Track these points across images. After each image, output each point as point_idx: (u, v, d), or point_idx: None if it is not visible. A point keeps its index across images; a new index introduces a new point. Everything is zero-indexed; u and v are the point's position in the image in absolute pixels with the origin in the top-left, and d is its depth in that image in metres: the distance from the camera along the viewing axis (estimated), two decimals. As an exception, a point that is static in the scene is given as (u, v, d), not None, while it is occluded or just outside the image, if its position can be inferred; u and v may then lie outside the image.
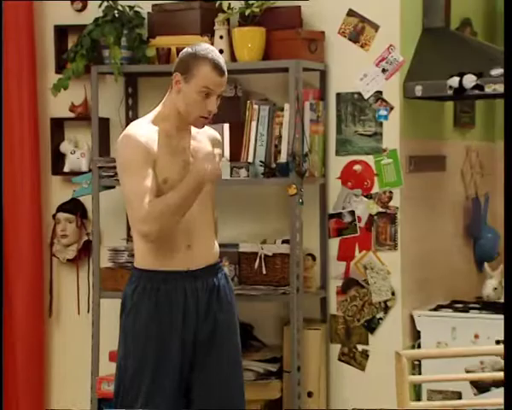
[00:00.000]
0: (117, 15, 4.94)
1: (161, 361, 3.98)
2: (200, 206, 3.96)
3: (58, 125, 5.32)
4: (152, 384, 3.98)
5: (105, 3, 4.96)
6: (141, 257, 3.99)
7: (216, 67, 3.85)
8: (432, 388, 4.72)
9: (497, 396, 3.80)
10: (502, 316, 4.76)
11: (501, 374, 3.58)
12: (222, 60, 3.96)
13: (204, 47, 3.96)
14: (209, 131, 4.14)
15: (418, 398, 4.75)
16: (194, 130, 4.03)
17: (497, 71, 4.67)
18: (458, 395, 4.53)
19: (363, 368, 4.85)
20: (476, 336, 4.75)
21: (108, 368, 4.72)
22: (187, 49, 3.97)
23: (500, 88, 4.68)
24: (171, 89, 3.96)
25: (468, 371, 4.29)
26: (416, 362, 4.76)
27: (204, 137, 4.07)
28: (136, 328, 3.98)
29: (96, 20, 4.93)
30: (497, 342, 4.54)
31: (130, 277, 4.05)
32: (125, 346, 4.03)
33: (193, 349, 4.01)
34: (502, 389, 3.68)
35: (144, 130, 3.93)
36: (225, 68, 3.93)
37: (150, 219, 3.80)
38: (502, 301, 5.01)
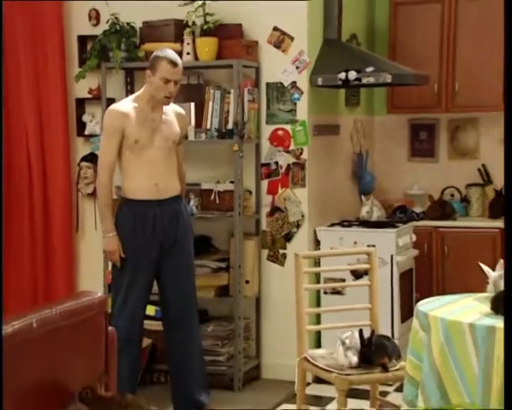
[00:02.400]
0: (118, 28, 4.92)
1: (138, 259, 4.05)
2: (164, 157, 4.06)
3: (80, 103, 5.30)
4: (133, 275, 4.09)
5: (110, 21, 4.94)
6: (126, 191, 4.10)
7: (170, 61, 3.94)
8: (326, 276, 4.71)
9: (365, 280, 4.00)
10: (372, 229, 5.02)
11: (368, 266, 3.84)
12: (174, 56, 3.99)
13: (162, 50, 4.04)
14: (175, 108, 4.20)
15: (318, 283, 4.76)
16: (165, 107, 4.08)
17: (370, 69, 4.74)
18: (343, 281, 4.55)
19: (282, 264, 4.88)
20: (355, 243, 4.82)
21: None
22: (154, 54, 4.05)
23: (372, 80, 4.74)
24: (146, 81, 4.04)
25: (348, 264, 4.29)
26: (317, 260, 4.79)
27: (171, 112, 4.14)
28: (121, 237, 4.06)
29: (105, 32, 4.95)
30: (368, 246, 4.57)
31: (119, 203, 4.14)
32: None
33: (160, 251, 4.08)
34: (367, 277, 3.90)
35: (122, 106, 4.06)
36: (178, 61, 3.99)
37: (97, 186, 4.12)
38: (372, 220, 5.12)
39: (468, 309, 3.05)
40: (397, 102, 5.63)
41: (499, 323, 2.83)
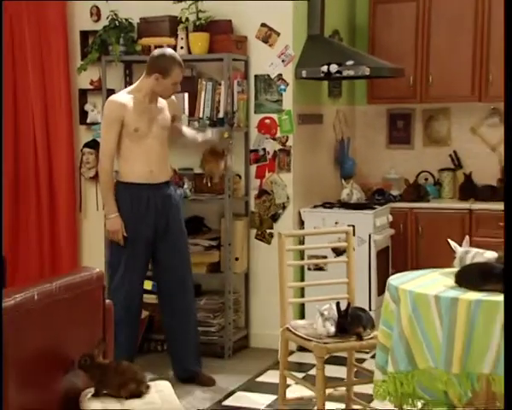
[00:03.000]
0: (117, 24, 4.89)
1: (136, 237, 4.06)
2: (159, 146, 4.06)
3: (83, 93, 5.27)
4: (131, 251, 4.09)
5: (110, 17, 4.90)
6: (123, 175, 4.10)
7: (180, 66, 3.95)
8: (310, 254, 4.74)
9: (345, 258, 3.92)
10: (352, 210, 5.02)
11: (346, 244, 3.84)
12: (181, 59, 4.00)
13: (170, 52, 3.99)
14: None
15: (302, 259, 4.77)
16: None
17: (350, 62, 4.72)
18: (324, 257, 4.59)
19: (269, 243, 4.88)
20: (336, 223, 4.83)
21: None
22: (163, 55, 3.96)
23: (351, 72, 4.73)
24: (147, 76, 3.97)
25: (330, 243, 4.18)
26: (301, 239, 4.77)
27: (164, 102, 4.12)
28: (120, 217, 4.06)
29: (105, 27, 4.91)
30: (348, 226, 4.45)
31: (116, 187, 4.09)
32: None
33: (155, 231, 4.09)
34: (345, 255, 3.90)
35: (121, 97, 4.03)
36: (183, 64, 4.00)
37: (100, 171, 4.09)
38: (352, 202, 5.07)
39: (435, 283, 3.06)
40: (376, 93, 5.63)
41: (462, 295, 2.85)
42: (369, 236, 4.88)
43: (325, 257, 4.60)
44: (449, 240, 3.28)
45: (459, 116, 5.64)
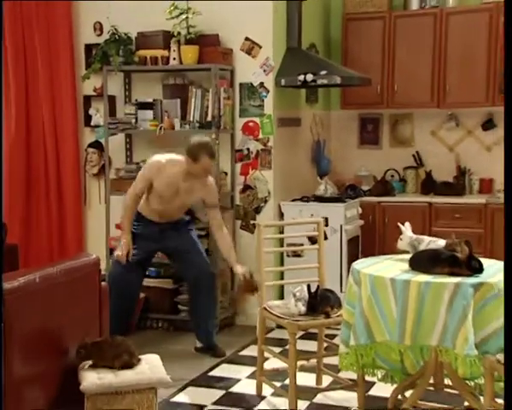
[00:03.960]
0: (117, 38, 4.89)
1: (145, 259, 4.14)
2: (176, 210, 4.11)
3: (87, 99, 5.26)
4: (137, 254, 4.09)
5: (111, 31, 4.90)
6: (142, 210, 4.12)
7: (211, 156, 3.87)
8: (288, 242, 4.66)
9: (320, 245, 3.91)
10: (326, 203, 5.01)
11: (317, 233, 3.81)
12: (213, 150, 3.89)
13: (204, 143, 3.88)
14: (205, 179, 4.02)
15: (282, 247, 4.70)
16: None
17: (324, 72, 4.72)
18: (302, 245, 4.50)
19: (252, 232, 4.84)
20: (312, 215, 4.78)
21: (115, 232, 4.77)
22: (195, 144, 3.86)
23: (325, 81, 4.73)
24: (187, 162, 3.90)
25: (307, 231, 4.17)
26: (281, 229, 4.67)
27: (199, 183, 4.00)
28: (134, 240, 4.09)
29: (106, 40, 4.91)
30: (322, 217, 4.43)
31: (136, 215, 4.12)
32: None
33: (160, 240, 4.13)
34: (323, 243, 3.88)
35: (161, 163, 3.96)
36: (215, 154, 3.98)
37: (124, 205, 4.05)
38: (326, 196, 5.03)
39: (391, 267, 3.09)
40: (348, 99, 5.63)
41: (413, 277, 2.88)
42: (341, 226, 4.89)
43: (302, 245, 4.57)
44: (399, 224, 3.29)
45: (421, 120, 5.65)
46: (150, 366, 3.02)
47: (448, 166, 5.54)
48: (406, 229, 3.24)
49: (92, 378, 2.88)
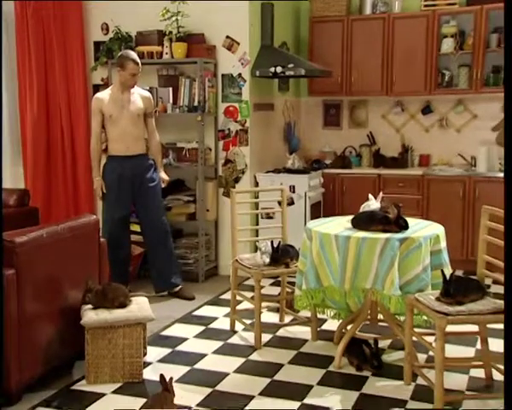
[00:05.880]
0: (120, 36, 4.85)
1: (118, 194, 4.04)
2: (132, 127, 3.98)
3: (96, 87, 5.08)
4: (116, 205, 4.07)
5: (114, 31, 4.86)
6: (109, 151, 4.07)
7: (134, 62, 3.84)
8: (262, 206, 4.53)
9: (283, 209, 3.88)
10: (293, 174, 4.88)
11: (281, 198, 3.86)
12: (136, 57, 3.90)
13: (128, 52, 3.89)
14: (141, 91, 4.06)
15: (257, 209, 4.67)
16: (132, 90, 3.99)
17: (291, 65, 4.65)
18: (273, 209, 4.32)
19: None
20: (281, 183, 4.58)
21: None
22: (121, 54, 3.89)
23: (292, 73, 4.63)
24: (118, 73, 3.91)
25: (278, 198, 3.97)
26: (256, 195, 4.62)
27: (137, 94, 4.02)
28: (106, 180, 4.07)
29: (110, 38, 4.88)
30: (290, 186, 4.63)
31: (106, 159, 4.08)
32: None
33: (132, 192, 4.05)
34: (289, 207, 3.88)
35: (101, 93, 4.01)
36: (139, 61, 3.87)
37: (91, 148, 4.01)
38: (294, 168, 4.97)
39: (337, 226, 3.12)
40: (314, 88, 5.58)
41: (353, 234, 2.91)
42: (305, 193, 4.89)
43: (273, 209, 4.55)
44: (370, 195, 3.33)
45: (373, 106, 5.62)
46: (139, 306, 3.05)
47: (395, 144, 5.55)
48: (370, 198, 3.26)
49: (91, 315, 2.91)
